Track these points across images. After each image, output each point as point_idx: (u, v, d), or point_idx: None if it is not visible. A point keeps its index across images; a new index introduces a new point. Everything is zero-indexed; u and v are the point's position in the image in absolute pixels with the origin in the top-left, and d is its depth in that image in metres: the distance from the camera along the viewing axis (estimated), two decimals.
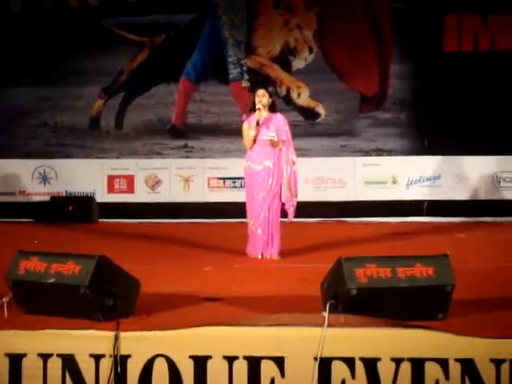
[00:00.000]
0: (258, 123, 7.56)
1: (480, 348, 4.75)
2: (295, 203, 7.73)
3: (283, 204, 7.70)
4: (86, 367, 4.83)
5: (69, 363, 4.83)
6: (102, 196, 10.97)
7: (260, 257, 7.65)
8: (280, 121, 7.67)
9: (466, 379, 4.74)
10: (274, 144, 7.55)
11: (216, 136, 11.13)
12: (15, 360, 4.84)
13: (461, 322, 4.93)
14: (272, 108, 7.69)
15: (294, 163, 7.70)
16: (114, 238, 9.09)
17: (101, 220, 10.70)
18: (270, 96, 7.72)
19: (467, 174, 10.79)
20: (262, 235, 7.66)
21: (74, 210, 10.60)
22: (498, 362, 4.72)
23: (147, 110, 11.19)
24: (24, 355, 4.84)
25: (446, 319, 4.97)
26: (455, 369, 4.74)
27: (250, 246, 7.75)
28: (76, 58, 10.84)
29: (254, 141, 7.59)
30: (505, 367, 4.72)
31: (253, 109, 7.64)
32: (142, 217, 10.63)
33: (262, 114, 7.59)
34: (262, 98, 7.61)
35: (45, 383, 4.85)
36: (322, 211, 10.48)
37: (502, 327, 4.91)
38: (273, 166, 7.62)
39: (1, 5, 10.77)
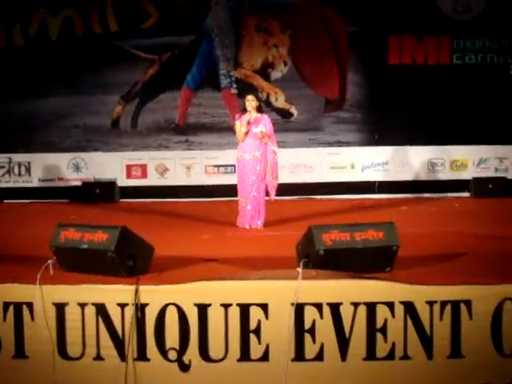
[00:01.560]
0: (248, 122, 7.60)
1: (418, 293, 4.84)
2: (276, 185, 7.77)
3: (267, 185, 7.75)
4: (114, 313, 4.90)
5: (101, 310, 4.89)
6: (122, 181, 10.93)
7: (248, 227, 7.68)
8: (265, 120, 7.70)
9: (408, 317, 4.84)
10: (262, 136, 7.57)
11: (211, 132, 11.10)
12: (60, 308, 4.90)
13: (403, 274, 5.02)
14: (259, 109, 7.71)
15: (275, 153, 7.74)
16: (132, 213, 9.07)
17: (121, 200, 10.69)
18: (258, 100, 7.76)
19: (408, 160, 10.85)
20: (251, 210, 7.68)
21: (100, 193, 10.58)
22: (431, 304, 4.82)
23: (156, 113, 11.13)
24: (66, 304, 4.90)
25: (392, 272, 5.05)
26: (399, 309, 4.83)
27: (240, 218, 7.78)
28: (100, 73, 10.77)
29: (245, 135, 7.62)
30: (436, 307, 4.82)
31: (244, 110, 7.67)
32: (153, 197, 10.60)
33: (252, 114, 7.63)
34: (251, 101, 7.61)
35: (83, 326, 4.91)
36: (296, 191, 10.48)
37: (434, 277, 5.00)
38: (260, 156, 7.65)
39: (43, 34, 10.74)
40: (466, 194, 10.52)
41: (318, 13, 10.86)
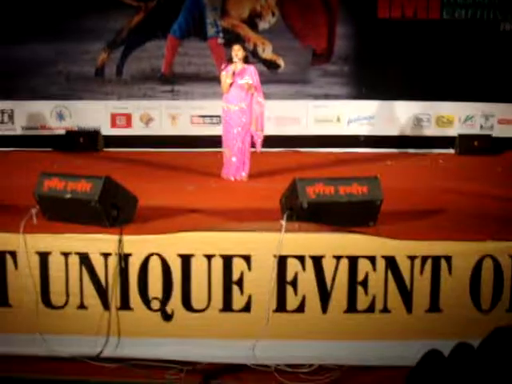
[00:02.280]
0: (234, 73, 7.53)
1: (399, 248, 4.91)
2: (262, 137, 7.76)
3: (252, 137, 7.74)
4: (98, 263, 4.93)
5: (84, 260, 4.92)
6: (106, 130, 10.85)
7: (233, 178, 7.71)
8: (252, 71, 7.63)
9: (389, 271, 4.91)
10: (248, 87, 7.52)
11: (197, 82, 11.00)
12: (43, 257, 4.92)
13: (386, 228, 5.07)
14: (245, 60, 7.64)
15: (261, 105, 7.70)
16: (116, 163, 9.02)
17: (105, 149, 10.64)
18: (244, 50, 7.68)
19: (395, 115, 10.84)
20: (236, 162, 7.69)
21: (84, 141, 10.50)
22: (412, 258, 4.89)
23: (142, 61, 10.99)
24: (50, 253, 4.92)
25: (375, 226, 5.11)
26: (381, 263, 4.90)
27: (225, 170, 7.80)
28: (86, 20, 10.56)
29: (230, 86, 7.56)
30: (417, 261, 4.90)
31: (230, 60, 7.60)
32: (137, 146, 10.52)
33: (238, 65, 7.57)
34: (237, 51, 7.54)
35: (66, 275, 4.95)
36: (282, 143, 10.46)
37: (416, 232, 5.07)
38: (246, 107, 7.60)
39: None
40: (451, 151, 10.56)
41: None
